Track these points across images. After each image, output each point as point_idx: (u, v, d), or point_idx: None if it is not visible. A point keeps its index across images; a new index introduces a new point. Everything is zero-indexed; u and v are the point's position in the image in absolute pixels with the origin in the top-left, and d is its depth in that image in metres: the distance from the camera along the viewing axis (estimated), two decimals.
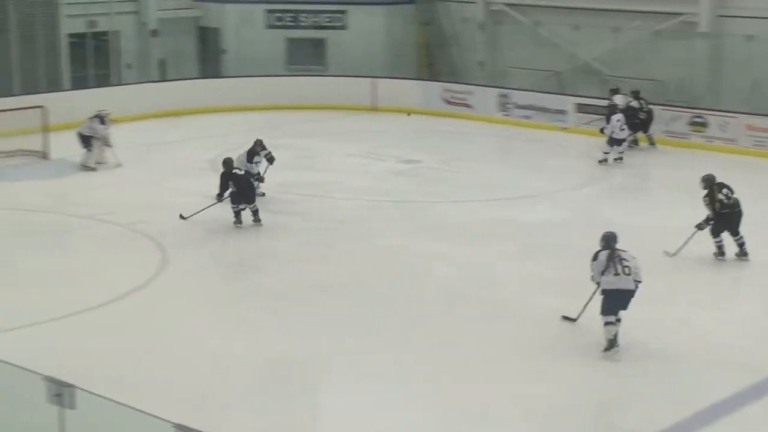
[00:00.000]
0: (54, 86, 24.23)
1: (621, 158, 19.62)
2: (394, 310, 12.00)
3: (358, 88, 25.36)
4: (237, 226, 15.00)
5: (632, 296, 10.64)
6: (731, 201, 13.53)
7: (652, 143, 21.14)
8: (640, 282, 10.64)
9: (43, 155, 19.41)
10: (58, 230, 14.95)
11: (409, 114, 23.56)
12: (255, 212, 15.13)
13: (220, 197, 15.16)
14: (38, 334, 11.01)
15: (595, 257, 10.82)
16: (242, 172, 15.30)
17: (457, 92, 24.81)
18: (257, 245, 14.42)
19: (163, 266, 13.30)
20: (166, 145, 21.15)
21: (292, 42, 27.58)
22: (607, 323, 10.66)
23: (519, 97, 23.80)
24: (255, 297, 12.41)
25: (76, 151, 19.29)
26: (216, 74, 27.28)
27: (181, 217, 15.31)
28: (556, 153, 20.96)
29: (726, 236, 13.64)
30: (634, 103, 20.83)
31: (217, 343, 10.83)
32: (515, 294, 12.52)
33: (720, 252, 13.68)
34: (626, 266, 10.61)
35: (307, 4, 27.75)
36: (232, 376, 10.10)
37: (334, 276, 13.14)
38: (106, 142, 18.98)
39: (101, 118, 19.16)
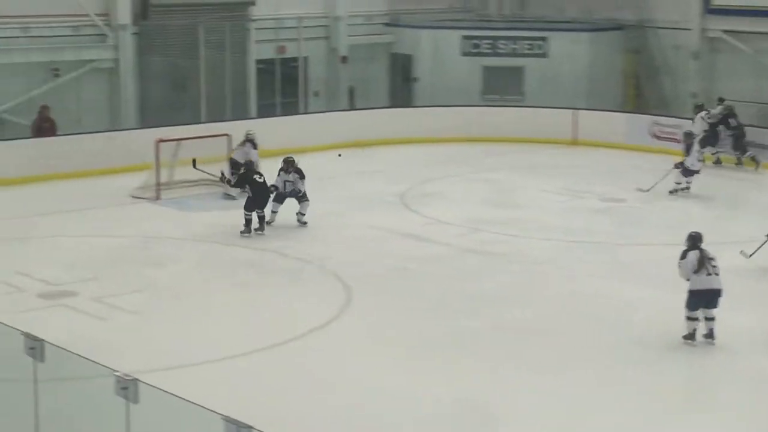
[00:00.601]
0: (240, 113, 25.12)
1: (688, 188, 19.85)
2: (592, 357, 11.86)
3: (557, 119, 25.19)
4: (244, 235, 16.36)
5: (720, 295, 11.96)
6: None
7: (739, 162, 22.25)
8: None
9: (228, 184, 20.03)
10: (243, 264, 15.46)
11: (339, 155, 22.76)
12: (261, 218, 16.58)
13: (223, 178, 17.44)
14: (222, 369, 11.39)
15: (683, 256, 12.09)
16: (262, 180, 16.68)
17: (667, 126, 24.25)
18: (447, 286, 14.48)
19: (347, 304, 13.55)
20: (353, 176, 21.62)
21: (489, 70, 27.69)
22: (690, 318, 12.09)
23: None
24: (446, 339, 12.41)
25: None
26: (407, 103, 27.68)
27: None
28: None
29: None
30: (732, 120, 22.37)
31: (404, 386, 10.90)
32: (725, 348, 12.12)
33: None
34: (714, 266, 11.95)
35: (505, 31, 27.86)
36: (420, 422, 10.15)
37: (530, 320, 13.08)
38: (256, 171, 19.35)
39: (252, 142, 19.53)
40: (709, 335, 12.20)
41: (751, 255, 14.92)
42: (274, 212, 17.36)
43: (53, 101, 22.69)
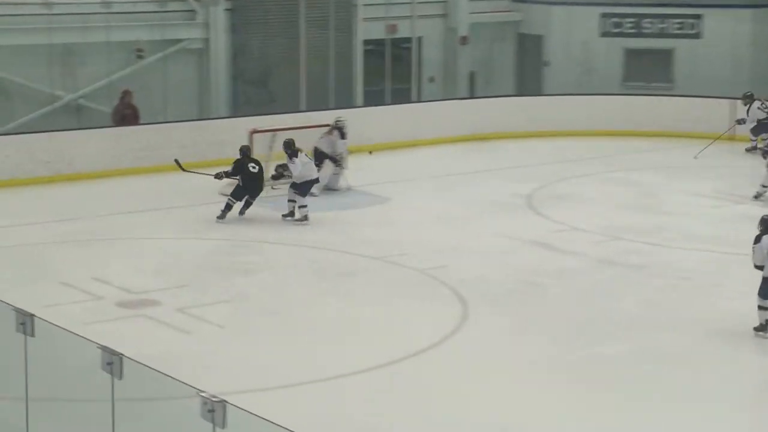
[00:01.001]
0: (345, 101, 25.36)
1: None
2: (747, 390, 11.74)
3: (712, 111, 24.82)
4: (219, 221, 17.66)
5: None
6: None
7: None
8: None
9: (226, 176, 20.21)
10: (346, 272, 15.62)
11: (371, 152, 22.08)
12: (248, 204, 17.90)
13: (219, 176, 17.90)
14: (320, 391, 11.52)
15: (757, 240, 12.94)
16: (256, 170, 17.80)
17: None
18: (579, 303, 14.39)
19: (462, 321, 13.59)
20: (473, 175, 21.62)
21: (632, 53, 27.48)
22: (762, 307, 12.85)
23: None
24: (577, 367, 12.35)
25: (369, 178, 20.19)
26: (536, 91, 27.61)
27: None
28: None
29: None
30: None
31: (528, 422, 10.89)
32: None
33: None
34: None
35: (652, 7, 27.52)
36: None
37: (674, 345, 12.94)
38: (340, 163, 19.54)
39: (341, 131, 19.69)
40: None
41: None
42: (302, 207, 17.80)
43: (136, 86, 23.21)
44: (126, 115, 22.45)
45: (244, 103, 24.74)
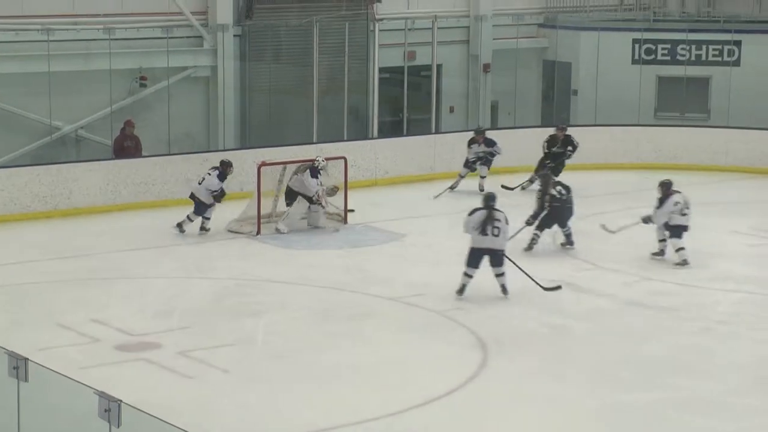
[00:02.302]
0: (360, 133, 25.48)
1: None
2: None
3: (753, 144, 24.85)
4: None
5: None
6: (563, 197, 18.56)
7: None
8: None
9: (342, 218, 20.41)
10: (359, 314, 15.66)
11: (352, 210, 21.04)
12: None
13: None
14: None
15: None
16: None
17: None
18: (607, 348, 14.37)
19: (482, 366, 13.61)
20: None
21: (666, 82, 27.52)
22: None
23: None
24: (605, 417, 12.34)
25: (384, 213, 20.30)
26: (563, 122, 27.57)
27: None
28: None
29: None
30: None
31: None
32: None
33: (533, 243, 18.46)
34: None
35: (687, 33, 27.54)
36: None
37: (711, 394, 12.91)
38: (318, 201, 19.60)
39: (312, 170, 19.62)
40: None
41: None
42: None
43: (139, 116, 23.37)
44: (127, 147, 22.58)
45: (253, 134, 24.82)
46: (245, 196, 20.59)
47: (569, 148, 23.13)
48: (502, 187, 21.27)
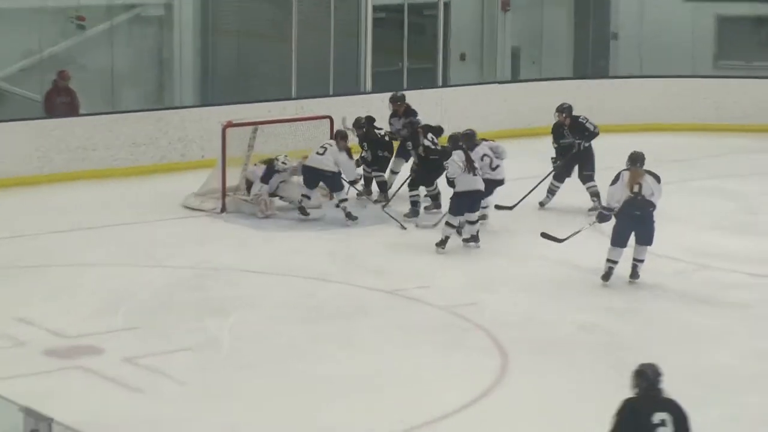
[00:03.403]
0: (349, 86, 25.46)
1: None
2: None
3: None
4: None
5: None
6: (439, 149, 19.00)
7: None
8: None
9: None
10: (350, 312, 15.56)
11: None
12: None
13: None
14: None
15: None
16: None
17: None
18: (658, 354, 14.11)
19: (501, 376, 13.53)
20: (516, 182, 21.51)
21: (727, 23, 27.47)
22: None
23: None
24: None
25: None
26: (600, 73, 27.62)
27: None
28: None
29: None
30: None
31: None
32: None
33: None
34: None
35: None
36: None
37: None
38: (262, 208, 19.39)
39: (269, 171, 19.46)
40: None
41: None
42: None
43: (75, 65, 23.27)
44: (61, 103, 22.50)
45: (216, 89, 24.73)
46: (207, 164, 20.50)
47: (578, 138, 20.54)
48: (497, 207, 19.68)
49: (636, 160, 16.72)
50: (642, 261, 16.61)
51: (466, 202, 17.66)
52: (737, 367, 14.03)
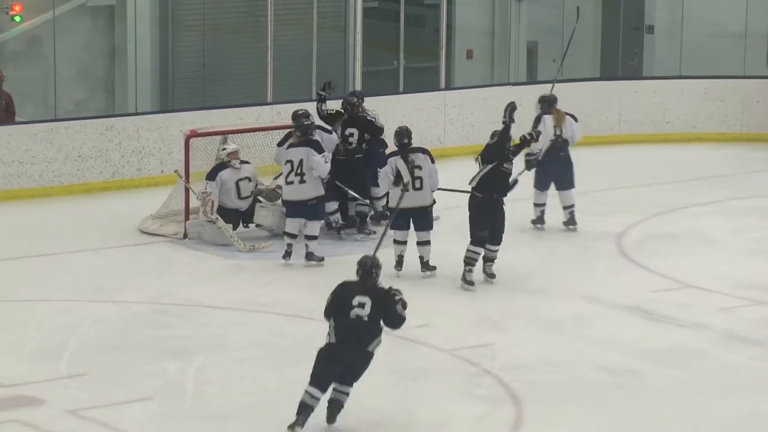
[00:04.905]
0: (335, 88, 25.36)
1: None
2: None
3: None
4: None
5: None
6: None
7: None
8: None
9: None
10: None
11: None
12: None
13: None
14: None
15: None
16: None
17: None
18: (697, 403, 14.40)
19: (515, 428, 13.63)
20: (525, 203, 21.74)
21: None
22: None
23: None
24: None
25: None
26: (632, 73, 27.68)
27: None
28: None
29: None
30: None
31: None
32: None
33: None
34: None
35: None
36: None
37: None
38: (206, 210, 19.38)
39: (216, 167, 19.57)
40: None
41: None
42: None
43: (11, 64, 23.34)
44: None
45: (177, 91, 24.78)
46: (167, 181, 20.55)
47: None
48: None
49: (552, 101, 19.84)
50: (573, 205, 19.27)
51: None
52: None
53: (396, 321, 13.22)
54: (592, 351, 15.76)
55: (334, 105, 20.36)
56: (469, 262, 17.52)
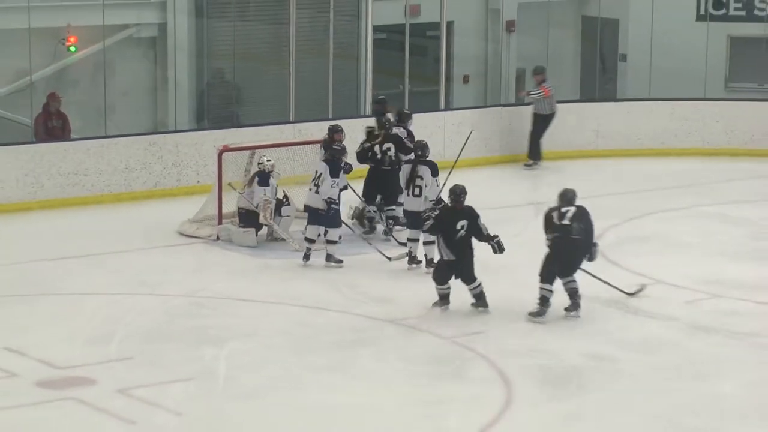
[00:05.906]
0: (349, 109, 25.52)
1: None
2: None
3: None
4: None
5: None
6: None
7: None
8: None
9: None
10: (349, 342, 15.62)
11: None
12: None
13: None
14: None
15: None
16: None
17: None
18: (666, 388, 14.30)
19: (504, 409, 13.54)
20: (523, 208, 21.74)
21: (740, 44, 27.44)
22: None
23: None
24: None
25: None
26: (608, 95, 27.61)
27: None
28: None
29: None
30: None
31: None
32: None
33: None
34: None
35: None
36: None
37: None
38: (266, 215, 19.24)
39: (262, 175, 19.28)
40: None
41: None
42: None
43: (67, 88, 23.31)
44: (52, 127, 22.54)
45: (212, 112, 24.75)
46: (203, 190, 20.53)
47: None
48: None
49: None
50: None
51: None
52: (743, 396, 14.07)
53: (484, 239, 16.36)
54: (575, 340, 15.71)
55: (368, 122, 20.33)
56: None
